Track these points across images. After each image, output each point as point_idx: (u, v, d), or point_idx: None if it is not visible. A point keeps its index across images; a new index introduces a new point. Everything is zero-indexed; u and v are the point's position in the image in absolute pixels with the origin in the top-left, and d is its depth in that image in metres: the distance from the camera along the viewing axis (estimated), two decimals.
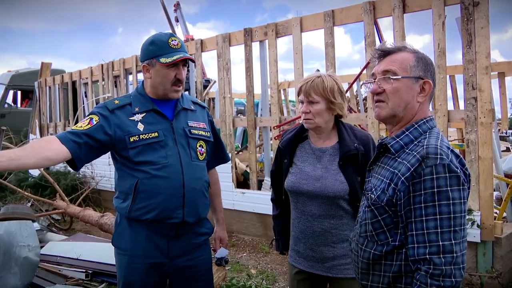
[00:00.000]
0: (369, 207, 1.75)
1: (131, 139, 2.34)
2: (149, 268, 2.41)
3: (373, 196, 1.72)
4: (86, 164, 2.40)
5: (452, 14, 4.83)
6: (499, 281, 4.32)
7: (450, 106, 7.74)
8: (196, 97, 7.28)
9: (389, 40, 5.30)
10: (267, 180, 6.63)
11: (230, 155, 3.16)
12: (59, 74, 11.05)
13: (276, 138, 6.24)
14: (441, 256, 1.53)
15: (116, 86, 9.44)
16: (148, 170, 2.33)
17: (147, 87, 2.48)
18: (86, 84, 10.35)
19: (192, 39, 8.40)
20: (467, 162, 4.54)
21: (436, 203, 1.54)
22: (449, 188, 1.53)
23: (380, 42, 5.44)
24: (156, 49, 2.38)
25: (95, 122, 2.33)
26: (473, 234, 4.38)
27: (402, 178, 1.61)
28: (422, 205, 1.56)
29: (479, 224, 4.39)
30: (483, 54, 4.41)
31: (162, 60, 2.34)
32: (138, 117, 2.39)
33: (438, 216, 1.54)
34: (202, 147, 2.52)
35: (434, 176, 1.54)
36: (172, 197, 2.35)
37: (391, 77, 1.72)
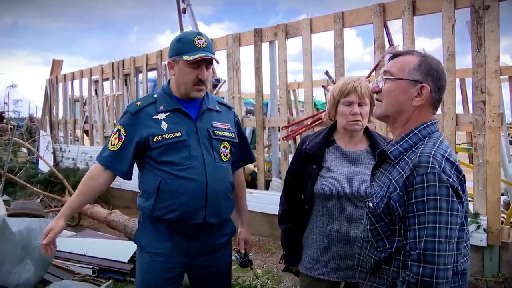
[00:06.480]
0: (367, 214, 1.75)
1: (155, 139, 2.36)
2: (168, 266, 2.41)
3: (371, 204, 1.71)
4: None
5: (463, 17, 4.83)
6: (505, 286, 4.30)
7: (460, 110, 7.70)
8: None
9: (399, 43, 5.32)
10: (275, 181, 6.64)
11: None
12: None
13: (284, 138, 6.25)
14: (421, 264, 1.50)
15: (126, 84, 9.51)
16: (172, 171, 2.34)
17: (173, 86, 2.48)
18: (96, 82, 10.42)
19: None
20: (475, 165, 4.53)
21: (426, 211, 1.52)
22: (438, 197, 1.51)
23: (390, 44, 5.43)
24: (181, 46, 2.37)
25: (123, 136, 2.39)
26: (480, 238, 4.36)
27: (397, 187, 1.61)
28: (415, 213, 1.54)
29: (485, 228, 4.38)
30: (492, 58, 4.40)
31: (185, 58, 2.33)
32: (162, 116, 2.40)
33: (426, 225, 1.51)
34: (226, 148, 2.51)
35: (425, 185, 1.52)
36: (195, 198, 2.34)
37: (385, 77, 1.73)
